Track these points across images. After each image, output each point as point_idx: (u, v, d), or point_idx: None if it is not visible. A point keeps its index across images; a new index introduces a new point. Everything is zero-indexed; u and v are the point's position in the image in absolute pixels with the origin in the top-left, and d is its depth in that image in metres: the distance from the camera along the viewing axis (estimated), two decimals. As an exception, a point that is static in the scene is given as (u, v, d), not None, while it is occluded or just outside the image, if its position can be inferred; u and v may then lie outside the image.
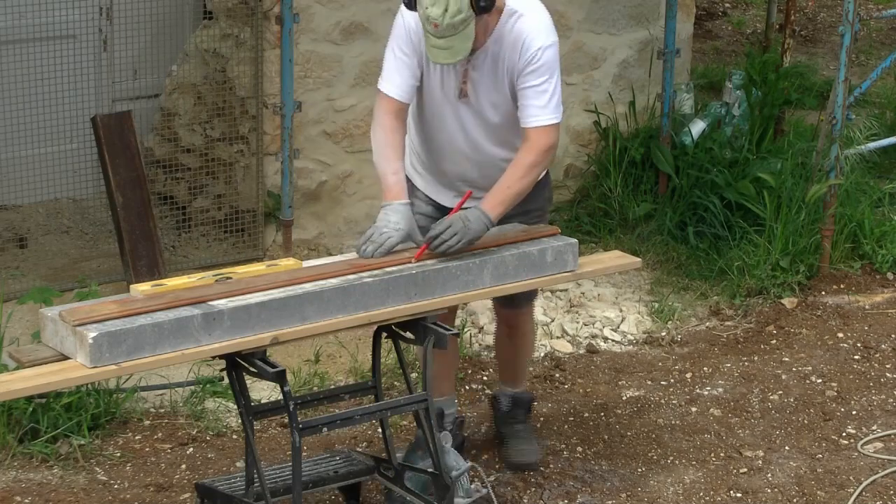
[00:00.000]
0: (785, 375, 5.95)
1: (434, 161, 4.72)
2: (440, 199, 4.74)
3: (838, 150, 6.75)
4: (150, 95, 7.05)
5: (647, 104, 7.70)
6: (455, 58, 4.31)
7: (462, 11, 4.23)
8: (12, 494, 4.78)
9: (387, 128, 4.52)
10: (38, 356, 3.87)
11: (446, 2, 4.22)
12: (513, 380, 5.22)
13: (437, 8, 4.23)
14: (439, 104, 4.59)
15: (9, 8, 6.50)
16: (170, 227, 6.95)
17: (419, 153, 4.77)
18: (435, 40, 4.29)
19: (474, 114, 4.58)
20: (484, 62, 4.48)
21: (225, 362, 4.11)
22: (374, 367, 4.56)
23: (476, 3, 4.26)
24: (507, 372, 5.25)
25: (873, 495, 5.00)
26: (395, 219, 4.41)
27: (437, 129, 4.65)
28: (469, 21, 4.26)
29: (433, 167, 4.74)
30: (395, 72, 4.52)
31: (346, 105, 6.93)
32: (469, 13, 4.25)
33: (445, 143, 4.65)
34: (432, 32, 4.28)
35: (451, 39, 4.27)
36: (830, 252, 6.84)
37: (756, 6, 12.10)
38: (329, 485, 4.54)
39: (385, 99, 4.54)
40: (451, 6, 4.22)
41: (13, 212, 6.86)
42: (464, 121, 4.59)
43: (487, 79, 4.51)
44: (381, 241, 4.37)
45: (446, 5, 4.22)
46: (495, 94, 4.53)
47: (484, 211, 4.43)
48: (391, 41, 4.56)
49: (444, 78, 4.54)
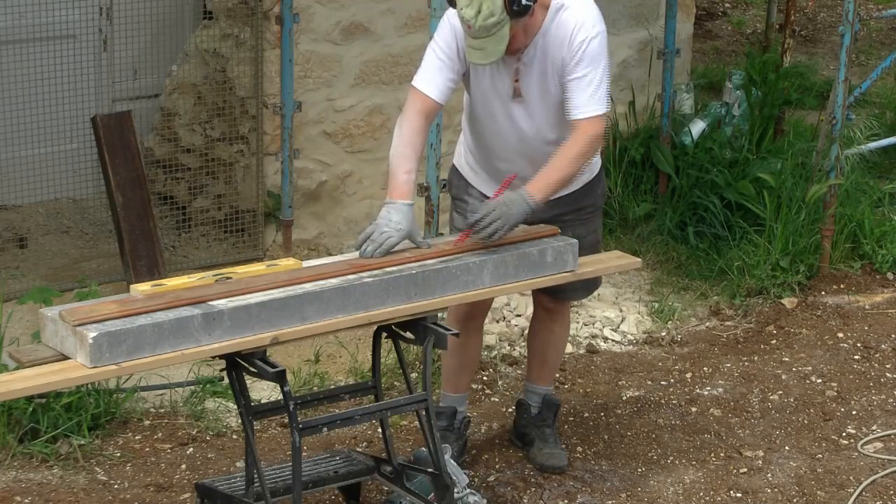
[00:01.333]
0: (785, 375, 5.95)
1: (488, 159, 4.75)
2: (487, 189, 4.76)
3: (838, 150, 6.75)
4: (150, 95, 7.05)
5: (647, 104, 7.70)
6: (487, 59, 4.32)
7: (495, 14, 4.23)
8: (12, 494, 4.78)
9: (413, 127, 4.49)
10: (38, 356, 3.87)
11: (479, 4, 4.22)
12: (541, 377, 5.17)
13: (471, 9, 4.23)
14: (491, 104, 4.60)
15: (9, 8, 6.50)
16: (170, 227, 6.95)
17: (473, 151, 4.80)
18: (471, 40, 4.31)
19: (527, 112, 4.58)
20: (534, 59, 4.49)
21: (225, 362, 4.11)
22: (374, 367, 4.56)
23: (510, 7, 4.24)
24: (538, 368, 5.18)
25: (873, 495, 5.00)
26: (396, 218, 4.39)
27: (490, 129, 4.66)
28: (503, 24, 4.26)
29: (487, 165, 4.76)
30: (434, 71, 4.52)
31: (346, 105, 6.93)
32: (503, 16, 4.24)
33: (498, 143, 4.67)
34: (467, 33, 4.30)
35: (485, 41, 4.27)
36: (830, 252, 6.84)
37: (756, 6, 12.10)
38: (329, 485, 4.54)
39: (419, 96, 4.52)
40: (485, 9, 4.22)
41: (13, 212, 6.86)
42: (517, 119, 4.60)
43: (538, 74, 4.51)
44: (381, 240, 4.36)
45: (479, 7, 4.22)
46: (546, 88, 4.53)
47: (527, 194, 4.41)
48: (435, 40, 4.55)
49: (495, 78, 4.55)
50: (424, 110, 4.51)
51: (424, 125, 4.52)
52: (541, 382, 5.19)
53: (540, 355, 5.18)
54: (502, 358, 6.00)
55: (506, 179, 4.57)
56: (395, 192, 4.42)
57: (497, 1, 4.22)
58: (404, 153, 4.47)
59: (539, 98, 4.56)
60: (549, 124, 4.61)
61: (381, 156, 7.08)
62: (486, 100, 4.61)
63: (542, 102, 4.56)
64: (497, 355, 6.01)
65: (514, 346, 6.10)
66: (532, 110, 4.58)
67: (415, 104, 4.52)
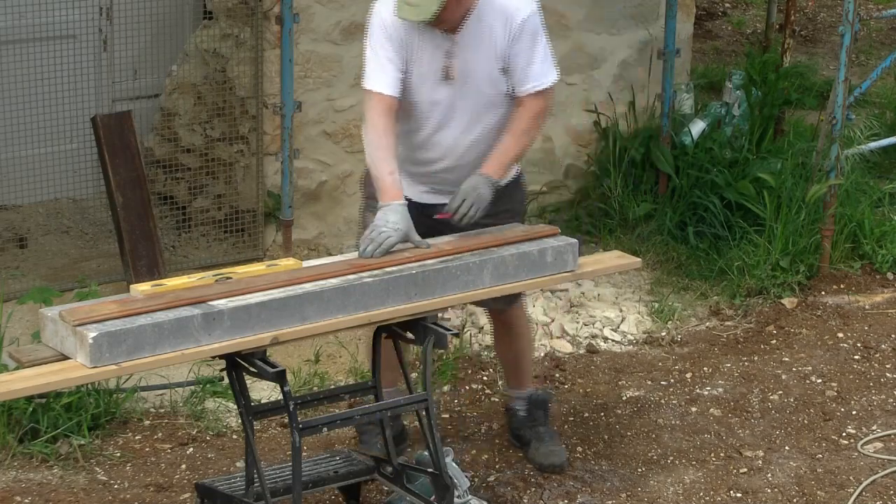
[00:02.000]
0: (785, 375, 5.95)
1: (414, 152, 4.70)
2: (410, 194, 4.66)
3: (838, 150, 6.75)
4: (150, 95, 7.05)
5: (647, 104, 7.70)
6: (420, 16, 4.34)
7: None
8: (12, 494, 4.78)
9: (379, 129, 4.52)
10: (38, 356, 3.87)
11: None
12: (518, 382, 5.22)
13: None
14: (424, 89, 4.58)
15: (9, 8, 6.50)
16: (170, 227, 6.95)
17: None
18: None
19: (461, 95, 4.57)
20: (469, 39, 4.51)
21: (225, 362, 4.11)
22: (374, 367, 4.56)
23: None
24: (511, 374, 5.25)
25: (873, 495, 5.00)
26: (393, 219, 4.42)
27: (423, 116, 4.64)
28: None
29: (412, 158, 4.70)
30: (380, 69, 4.54)
31: (346, 105, 6.93)
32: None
33: (430, 129, 4.65)
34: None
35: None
36: (830, 252, 6.84)
37: (756, 6, 12.09)
38: (329, 485, 4.54)
39: (375, 97, 4.54)
40: None
41: (13, 212, 6.86)
42: (451, 103, 4.59)
43: (472, 55, 4.53)
44: (381, 240, 4.38)
45: None
46: (483, 69, 4.55)
47: (486, 175, 4.53)
48: (370, 40, 4.58)
49: (427, 60, 4.53)
50: (384, 110, 4.52)
51: (389, 124, 4.53)
52: (520, 387, 5.21)
53: (512, 364, 5.23)
54: (502, 358, 6.00)
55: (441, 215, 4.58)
56: (386, 195, 4.45)
57: None
58: (381, 157, 4.50)
59: (475, 81, 4.56)
60: (484, 107, 4.61)
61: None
62: (420, 86, 4.59)
63: (476, 84, 4.57)
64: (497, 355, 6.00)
65: (514, 346, 6.10)
66: (468, 94, 4.58)
67: (374, 107, 4.54)
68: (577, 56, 7.56)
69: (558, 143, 7.66)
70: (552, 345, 6.17)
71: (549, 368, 5.94)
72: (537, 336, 6.17)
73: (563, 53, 7.48)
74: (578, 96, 7.62)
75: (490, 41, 4.52)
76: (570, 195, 7.67)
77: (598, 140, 7.67)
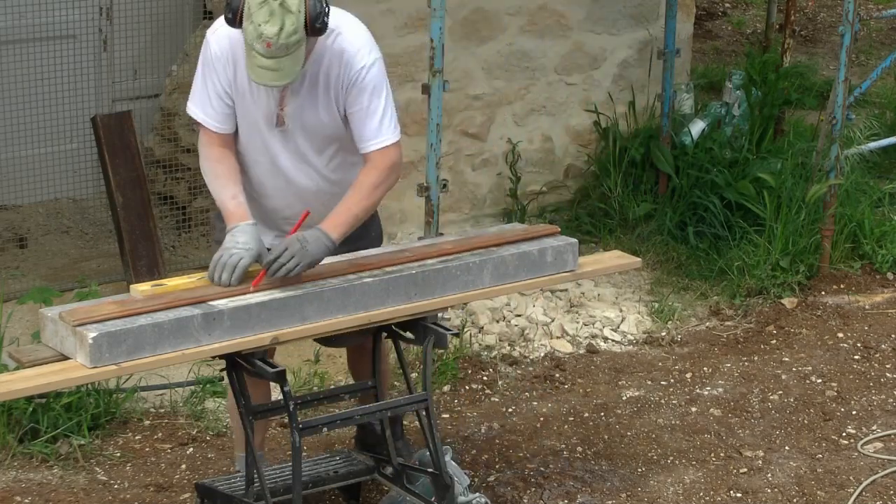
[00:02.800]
0: (785, 375, 5.95)
1: (254, 195, 4.40)
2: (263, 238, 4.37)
3: (838, 150, 6.75)
4: (150, 95, 7.06)
5: (647, 104, 7.70)
6: (283, 80, 4.04)
7: (297, 32, 3.98)
8: (12, 494, 4.78)
9: (212, 158, 4.30)
10: (38, 356, 3.87)
11: (282, 20, 3.96)
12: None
13: (273, 26, 3.95)
14: (253, 134, 4.32)
15: (9, 8, 6.50)
16: (170, 227, 6.95)
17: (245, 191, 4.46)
18: (263, 60, 4.00)
19: (293, 142, 4.30)
20: (302, 86, 4.21)
21: (225, 362, 4.11)
22: (375, 367, 4.56)
23: (311, 25, 4.01)
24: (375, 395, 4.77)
25: (873, 495, 5.00)
26: (243, 239, 4.17)
27: (252, 160, 4.37)
28: (302, 43, 4.01)
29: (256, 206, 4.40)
30: (207, 100, 4.29)
31: (346, 105, 6.92)
32: (304, 34, 4.01)
33: (262, 176, 4.38)
34: (262, 52, 3.98)
35: (282, 60, 4.00)
36: (830, 252, 6.84)
37: (756, 6, 12.09)
38: (329, 485, 4.54)
39: (205, 131, 4.31)
40: (288, 26, 3.96)
41: (13, 212, 6.86)
42: (282, 150, 4.32)
43: (308, 103, 4.25)
44: (233, 262, 4.12)
45: (282, 24, 3.96)
46: (316, 116, 4.26)
47: (324, 231, 4.15)
48: (201, 68, 4.28)
49: (258, 105, 4.26)
50: (215, 141, 4.31)
51: (223, 151, 4.30)
52: None
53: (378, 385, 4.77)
54: (502, 358, 6.00)
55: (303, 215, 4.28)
56: (232, 218, 4.22)
57: (300, 17, 3.98)
58: (220, 183, 4.28)
59: (306, 127, 4.28)
60: (317, 155, 4.34)
61: (381, 156, 7.09)
62: (247, 130, 4.31)
63: (309, 131, 4.29)
64: (497, 355, 6.01)
65: (514, 346, 6.10)
66: (297, 139, 4.30)
67: (203, 140, 4.32)
68: (577, 56, 7.56)
69: (558, 143, 7.66)
70: (552, 345, 6.17)
71: (549, 368, 5.94)
72: (537, 336, 6.18)
73: (563, 53, 7.51)
74: (578, 96, 7.62)
75: (325, 86, 4.22)
76: (570, 195, 7.67)
77: (598, 140, 7.67)
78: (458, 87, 7.01)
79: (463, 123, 7.30)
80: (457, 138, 7.28)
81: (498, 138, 7.42)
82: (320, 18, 4.04)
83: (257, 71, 4.03)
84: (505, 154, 7.41)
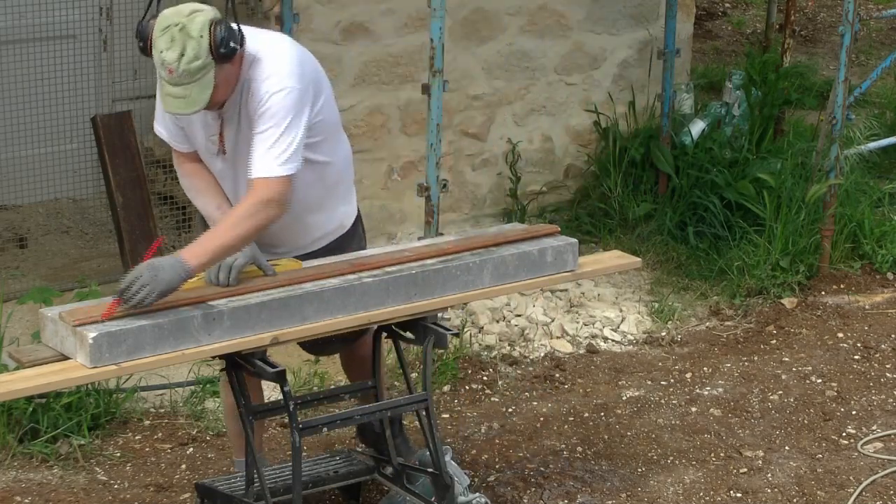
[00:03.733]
0: (785, 375, 5.95)
1: None
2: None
3: (838, 150, 6.75)
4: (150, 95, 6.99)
5: (647, 104, 7.70)
6: (191, 108, 3.95)
7: (200, 58, 3.90)
8: (12, 494, 4.78)
9: (187, 174, 4.29)
10: (38, 356, 3.87)
11: (183, 46, 3.90)
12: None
13: (173, 52, 3.90)
14: (204, 157, 4.29)
15: (9, 8, 6.50)
16: (170, 227, 6.95)
17: None
18: (170, 87, 3.95)
19: (234, 169, 4.23)
20: (235, 113, 4.13)
21: (225, 362, 4.11)
22: (375, 367, 4.56)
23: (216, 51, 3.91)
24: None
25: (873, 495, 5.00)
26: None
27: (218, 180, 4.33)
28: (208, 69, 3.92)
29: None
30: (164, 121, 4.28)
31: (346, 105, 6.92)
32: (208, 59, 3.91)
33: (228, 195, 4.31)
34: (167, 79, 3.94)
35: (188, 88, 3.92)
36: (830, 252, 6.84)
37: (756, 6, 12.09)
38: (329, 485, 4.54)
39: (174, 151, 4.32)
40: (189, 51, 3.89)
41: (13, 212, 6.86)
42: (229, 176, 4.26)
43: (239, 129, 4.15)
44: (229, 263, 4.08)
45: (182, 49, 3.89)
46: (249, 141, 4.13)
47: (182, 259, 3.93)
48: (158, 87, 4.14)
49: (196, 132, 4.23)
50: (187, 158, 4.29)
51: (195, 167, 4.28)
52: None
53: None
54: (502, 358, 6.00)
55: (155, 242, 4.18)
56: None
57: (203, 42, 3.90)
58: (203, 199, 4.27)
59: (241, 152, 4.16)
60: None
61: (381, 156, 7.10)
62: (201, 153, 4.28)
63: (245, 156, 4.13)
64: (497, 355, 6.01)
65: (514, 346, 6.10)
66: (238, 168, 4.19)
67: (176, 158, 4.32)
68: (577, 56, 7.56)
69: (558, 143, 7.66)
70: (552, 345, 6.17)
71: (549, 368, 5.94)
72: (537, 336, 6.18)
73: (563, 53, 7.52)
74: (578, 96, 7.62)
75: (247, 114, 4.11)
76: (570, 195, 7.67)
77: (598, 140, 7.67)
78: (458, 87, 7.01)
79: (463, 123, 7.30)
80: (457, 138, 7.28)
81: (498, 138, 7.42)
82: (225, 44, 3.92)
83: (166, 99, 3.98)
84: (505, 154, 7.41)
